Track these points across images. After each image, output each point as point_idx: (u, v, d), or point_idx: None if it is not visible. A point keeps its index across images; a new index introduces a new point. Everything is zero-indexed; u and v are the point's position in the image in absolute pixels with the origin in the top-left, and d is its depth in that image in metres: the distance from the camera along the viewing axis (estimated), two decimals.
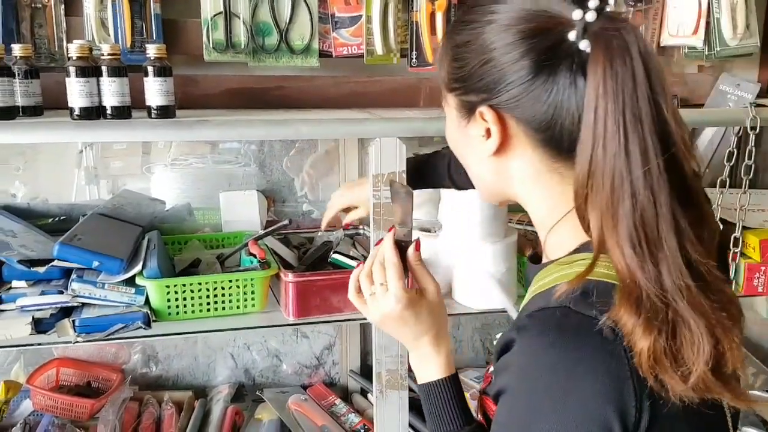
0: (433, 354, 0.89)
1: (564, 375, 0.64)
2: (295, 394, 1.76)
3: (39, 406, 1.58)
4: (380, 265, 0.88)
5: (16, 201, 1.63)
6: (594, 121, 0.66)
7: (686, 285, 0.64)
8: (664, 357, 0.62)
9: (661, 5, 1.67)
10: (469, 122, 0.77)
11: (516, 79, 0.70)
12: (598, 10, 0.66)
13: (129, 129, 1.19)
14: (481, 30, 0.73)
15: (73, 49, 1.24)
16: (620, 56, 0.65)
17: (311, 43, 1.54)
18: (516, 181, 0.78)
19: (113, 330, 1.26)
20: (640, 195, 0.65)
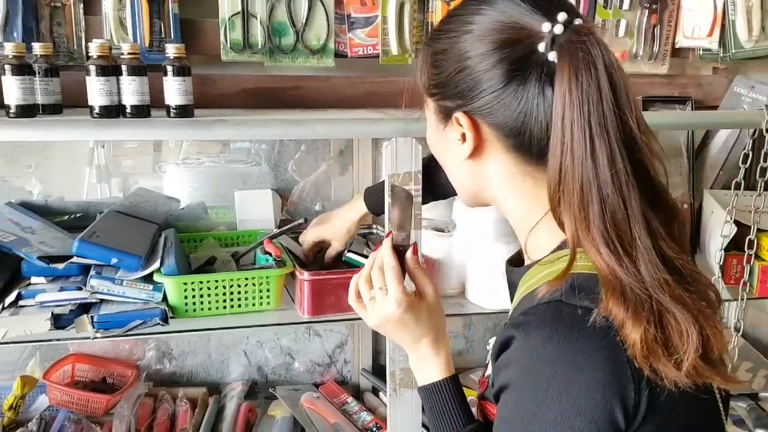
0: (433, 356, 0.92)
1: (565, 366, 0.68)
2: (307, 391, 1.77)
3: (55, 401, 1.60)
4: (379, 270, 0.90)
5: (31, 198, 1.65)
6: (561, 129, 0.70)
7: (664, 279, 0.68)
8: (656, 346, 0.65)
9: (676, 7, 1.67)
10: (446, 126, 0.81)
11: (488, 87, 0.74)
12: (566, 23, 0.70)
13: (148, 128, 1.21)
14: (458, 39, 0.76)
15: (93, 48, 1.26)
16: (585, 68, 0.69)
17: (327, 43, 1.56)
18: (492, 183, 0.82)
19: (131, 326, 1.27)
20: (609, 198, 0.69)
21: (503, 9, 0.74)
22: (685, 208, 1.73)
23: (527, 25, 0.72)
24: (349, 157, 1.79)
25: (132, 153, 1.70)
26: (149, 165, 1.72)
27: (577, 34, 0.70)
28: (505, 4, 0.74)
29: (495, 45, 0.73)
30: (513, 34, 0.73)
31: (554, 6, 0.72)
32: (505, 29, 0.73)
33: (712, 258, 1.58)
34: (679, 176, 1.75)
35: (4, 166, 1.62)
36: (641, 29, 1.65)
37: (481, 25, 0.75)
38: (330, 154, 1.78)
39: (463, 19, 0.77)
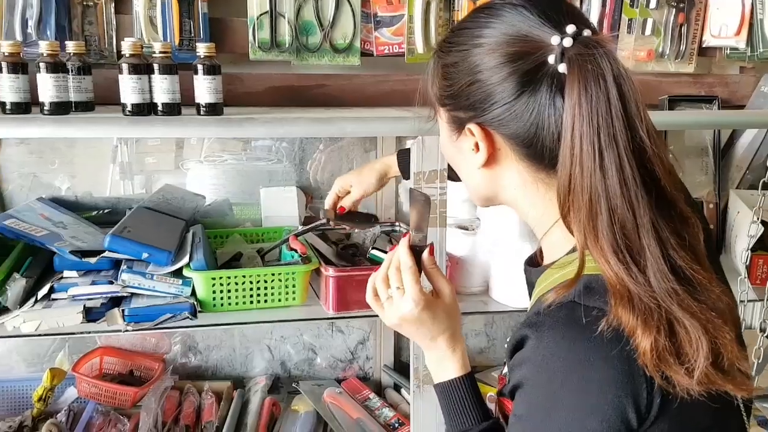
0: (449, 354, 0.93)
1: (578, 365, 0.69)
2: (330, 387, 1.79)
3: (84, 393, 1.63)
4: (396, 270, 0.91)
5: (60, 193, 1.68)
6: (571, 141, 0.71)
7: (673, 289, 0.68)
8: (668, 354, 0.66)
9: (703, 6, 1.66)
10: (460, 136, 0.82)
11: (500, 99, 0.75)
12: (575, 35, 0.71)
13: (180, 125, 1.23)
14: (469, 52, 0.77)
15: (126, 47, 1.28)
16: (594, 80, 0.69)
17: (353, 42, 1.57)
18: (506, 190, 0.83)
19: (162, 320, 1.29)
20: (618, 209, 0.69)
21: (512, 22, 0.75)
22: (711, 207, 1.73)
23: (537, 38, 0.73)
24: (373, 154, 1.80)
25: (155, 150, 1.73)
26: (171, 162, 1.74)
27: (586, 47, 0.70)
28: (514, 16, 0.75)
29: (506, 58, 0.74)
30: (523, 47, 0.73)
31: (563, 17, 0.73)
32: (515, 42, 0.74)
33: (738, 258, 1.57)
34: (705, 176, 1.74)
35: (32, 162, 1.65)
36: (668, 28, 1.65)
37: (491, 38, 0.76)
38: (354, 152, 1.80)
39: (473, 32, 0.78)
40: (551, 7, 0.74)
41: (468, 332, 1.94)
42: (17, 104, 1.28)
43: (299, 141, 1.77)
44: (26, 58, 1.30)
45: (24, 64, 1.29)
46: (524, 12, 0.74)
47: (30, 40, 1.45)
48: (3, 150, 1.64)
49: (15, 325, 1.27)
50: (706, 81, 1.75)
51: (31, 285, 1.34)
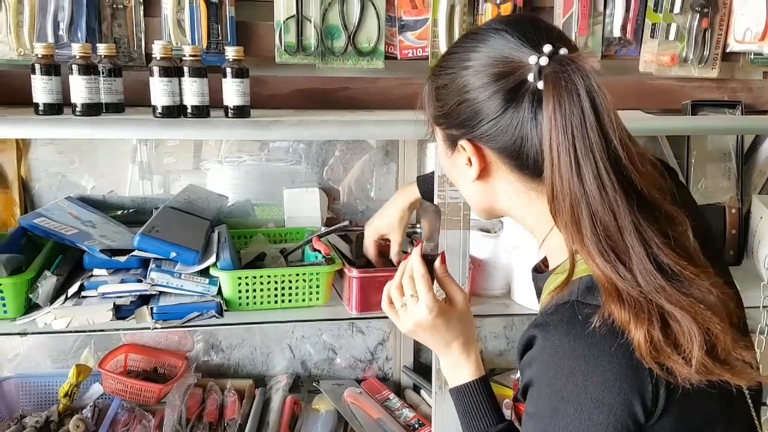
0: (463, 358, 0.97)
1: (582, 361, 0.73)
2: (350, 387, 1.81)
3: (109, 390, 1.65)
4: (410, 278, 0.95)
5: (86, 192, 1.71)
6: (550, 151, 0.76)
7: (661, 286, 0.72)
8: (664, 345, 0.70)
9: (727, 11, 1.66)
10: (454, 152, 0.88)
11: (487, 116, 0.81)
12: (551, 54, 0.77)
13: (210, 128, 1.25)
14: (457, 75, 0.83)
15: (156, 50, 1.31)
16: (568, 94, 0.75)
17: (378, 45, 1.59)
18: (501, 200, 0.88)
19: (189, 318, 1.32)
20: (599, 213, 0.75)
21: (495, 45, 0.81)
22: (733, 212, 1.72)
23: (516, 59, 0.79)
24: (395, 156, 1.82)
25: (173, 150, 1.75)
26: (190, 162, 1.76)
27: (560, 64, 0.76)
28: (497, 40, 0.81)
29: (490, 78, 0.80)
30: (505, 68, 0.79)
31: (541, 38, 0.79)
32: (498, 64, 0.80)
33: (761, 264, 1.57)
34: (728, 180, 1.74)
35: (59, 161, 1.68)
36: (692, 33, 1.65)
37: (477, 61, 0.81)
38: (375, 155, 1.81)
39: (461, 56, 0.84)
40: (530, 29, 0.81)
41: (487, 335, 1.95)
42: (50, 105, 1.31)
43: (317, 142, 1.78)
44: (57, 59, 1.33)
45: (57, 66, 1.32)
46: (506, 35, 0.80)
47: (61, 42, 1.48)
48: (32, 150, 1.68)
49: (46, 322, 1.30)
50: (730, 86, 1.75)
51: (61, 283, 1.37)
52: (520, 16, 0.87)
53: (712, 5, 1.64)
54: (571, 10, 1.63)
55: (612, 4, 1.64)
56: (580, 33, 1.64)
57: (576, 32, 1.63)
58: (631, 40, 1.67)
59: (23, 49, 1.49)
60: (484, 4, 1.60)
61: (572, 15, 1.63)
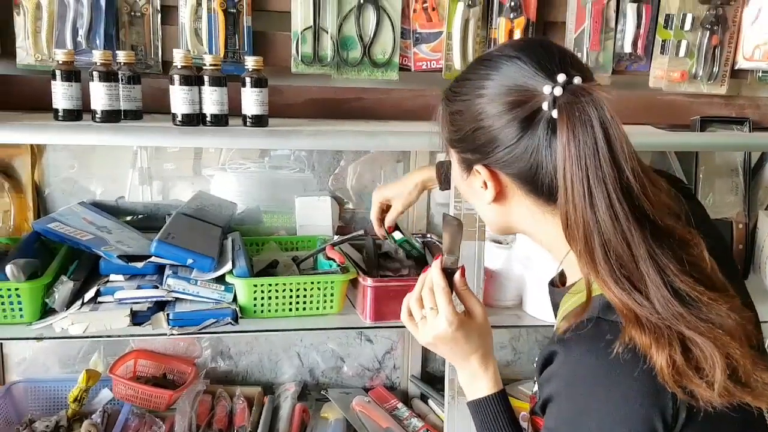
0: (482, 372, 0.98)
1: (604, 378, 0.74)
2: (358, 395, 1.82)
3: (120, 395, 1.66)
4: (429, 291, 0.96)
5: (95, 197, 1.71)
6: (563, 180, 0.78)
7: (679, 312, 0.73)
8: (687, 369, 0.71)
9: (737, 29, 1.69)
10: (469, 175, 0.89)
11: (502, 143, 0.82)
12: (565, 84, 0.78)
13: (229, 136, 1.27)
14: (472, 102, 0.84)
15: (177, 59, 1.32)
16: (581, 125, 0.76)
17: (392, 57, 1.60)
18: (517, 221, 0.90)
19: (206, 324, 1.32)
20: (612, 242, 0.75)
21: (509, 73, 0.81)
22: (740, 228, 1.74)
23: (531, 87, 0.79)
24: (407, 166, 1.83)
25: (173, 157, 1.75)
26: (190, 169, 1.77)
27: (574, 95, 0.77)
28: (510, 68, 0.82)
29: (505, 107, 0.81)
30: (520, 96, 0.80)
31: (555, 66, 0.80)
32: (512, 92, 0.80)
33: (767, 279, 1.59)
34: (735, 196, 1.76)
35: (70, 166, 1.69)
36: (702, 50, 1.67)
37: (491, 89, 0.82)
38: (386, 163, 1.83)
39: (475, 83, 0.85)
40: (545, 56, 0.81)
41: (494, 345, 1.95)
42: (69, 111, 1.33)
43: (319, 151, 1.78)
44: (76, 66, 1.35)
45: (77, 72, 1.33)
46: (519, 63, 0.81)
47: (79, 48, 1.49)
48: (45, 155, 1.69)
49: (63, 327, 1.30)
50: (738, 103, 1.77)
51: (77, 288, 1.38)
52: (533, 42, 0.87)
53: (722, 23, 1.67)
54: (583, 26, 1.65)
55: (623, 20, 1.67)
56: (592, 48, 1.66)
57: (588, 47, 1.65)
58: (641, 55, 1.69)
59: (40, 55, 1.50)
60: (497, 18, 1.62)
61: (584, 30, 1.65)
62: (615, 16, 1.66)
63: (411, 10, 1.59)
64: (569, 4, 1.66)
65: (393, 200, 1.47)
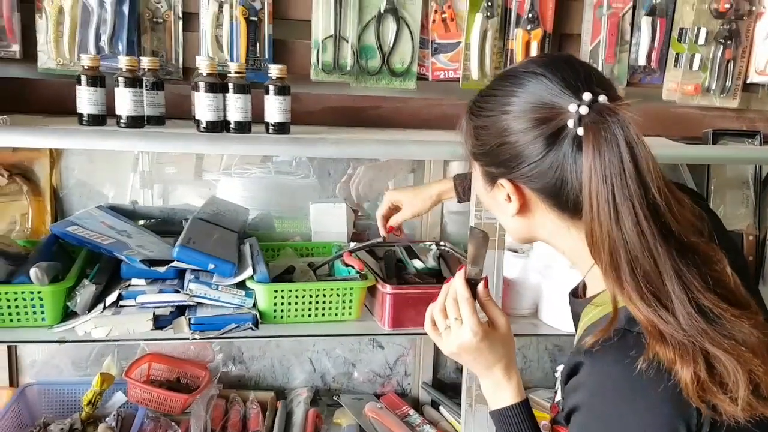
0: (505, 381, 0.98)
1: (630, 388, 0.75)
2: (370, 401, 1.82)
3: (135, 399, 1.66)
4: (453, 301, 0.97)
5: (107, 201, 1.72)
6: (589, 197, 0.79)
7: (703, 329, 0.74)
8: (711, 385, 0.72)
9: (749, 44, 1.71)
10: (493, 188, 0.91)
11: (527, 159, 0.83)
12: (591, 102, 0.79)
13: (256, 143, 1.28)
14: (497, 118, 0.85)
15: (203, 66, 1.33)
16: (607, 144, 0.77)
17: (411, 66, 1.62)
18: (541, 232, 0.91)
19: (227, 329, 1.33)
20: (639, 259, 0.76)
21: (534, 91, 0.83)
22: (751, 239, 1.76)
23: (557, 105, 0.81)
24: (421, 174, 1.85)
25: (174, 161, 1.75)
26: (191, 173, 1.77)
27: (600, 114, 0.78)
28: (536, 85, 0.83)
29: (531, 123, 0.82)
30: (546, 114, 0.81)
31: (581, 84, 0.81)
32: (538, 109, 0.82)
33: None
34: (746, 208, 1.78)
35: (88, 170, 1.70)
36: (715, 64, 1.69)
37: (517, 106, 0.83)
38: (400, 171, 1.84)
39: (500, 99, 0.86)
40: (570, 74, 0.82)
41: None
42: (94, 116, 1.34)
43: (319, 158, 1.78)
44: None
45: (102, 78, 1.35)
46: (545, 80, 0.82)
47: (102, 53, 1.50)
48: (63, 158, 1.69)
49: (86, 330, 1.31)
50: (748, 116, 1.80)
51: (99, 291, 1.38)
52: (558, 58, 0.87)
53: (735, 37, 1.69)
54: (599, 38, 1.67)
55: (638, 33, 1.69)
56: (607, 60, 1.68)
57: (603, 60, 1.67)
58: (655, 68, 1.72)
59: (62, 59, 1.51)
60: (515, 29, 1.64)
61: (600, 43, 1.67)
62: (630, 29, 1.69)
63: (430, 21, 1.61)
64: (585, 17, 1.68)
65: (404, 204, 1.49)
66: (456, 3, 1.60)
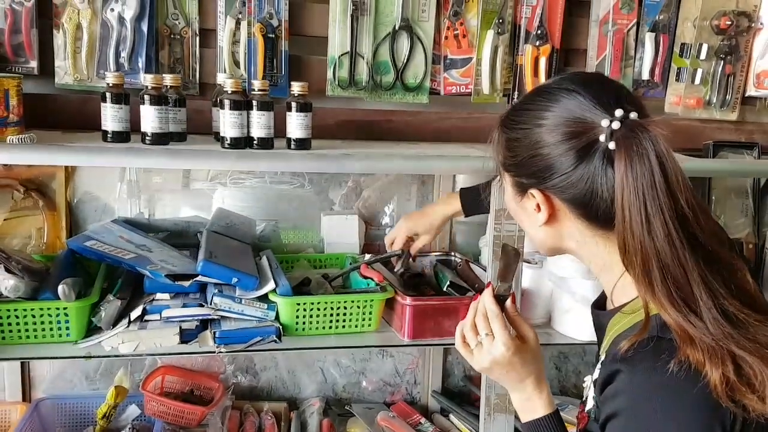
0: (536, 394, 1.02)
1: (669, 392, 0.79)
2: (382, 410, 1.85)
3: (151, 412, 1.67)
4: (483, 317, 1.01)
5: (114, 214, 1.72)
6: (621, 209, 0.83)
7: (729, 333, 0.78)
8: (740, 385, 0.77)
9: (747, 59, 1.77)
10: (523, 198, 0.95)
11: (559, 170, 0.87)
12: (623, 118, 0.83)
13: (282, 160, 1.31)
14: (531, 131, 0.90)
15: (228, 84, 1.35)
16: (639, 158, 0.81)
17: (424, 81, 1.66)
18: (568, 243, 0.95)
19: (252, 342, 1.35)
20: (670, 267, 0.81)
21: (568, 106, 0.87)
22: (750, 247, 1.82)
23: (589, 120, 0.85)
24: (430, 186, 1.88)
25: (163, 170, 1.73)
26: (178, 182, 1.76)
27: (631, 130, 0.82)
28: (570, 101, 0.87)
29: (564, 137, 0.86)
30: (578, 128, 0.85)
31: (613, 100, 0.85)
32: (571, 124, 0.86)
33: None
34: (745, 217, 1.84)
35: (100, 184, 1.70)
36: (716, 78, 1.75)
37: (551, 120, 0.88)
38: (408, 183, 1.87)
39: (534, 114, 0.90)
40: (602, 91, 0.87)
41: None
42: (118, 133, 1.35)
43: None
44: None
45: (127, 95, 1.36)
46: (578, 97, 0.87)
47: (122, 70, 1.52)
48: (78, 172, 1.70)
49: (113, 346, 1.32)
50: (747, 128, 1.86)
51: (123, 306, 1.40)
52: (591, 76, 0.92)
53: (735, 52, 1.75)
54: (605, 53, 1.72)
55: (642, 48, 1.75)
56: (612, 75, 1.73)
57: (609, 74, 1.72)
58: (658, 82, 1.77)
59: (79, 75, 1.53)
60: (524, 45, 1.68)
61: (605, 58, 1.72)
62: (634, 45, 1.74)
63: (443, 37, 1.65)
64: (591, 33, 1.73)
65: (420, 233, 1.56)
66: (468, 20, 1.64)
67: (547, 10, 1.67)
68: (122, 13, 1.50)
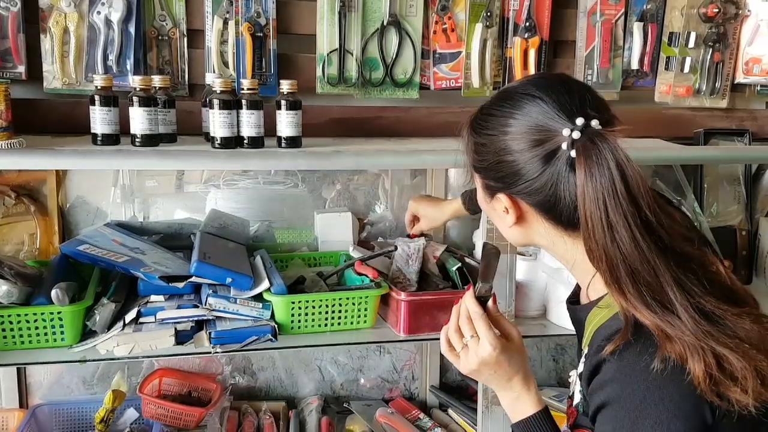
0: (525, 392, 1.02)
1: (658, 377, 0.80)
2: (380, 407, 1.85)
3: (149, 415, 1.66)
4: (467, 319, 1.01)
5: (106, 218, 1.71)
6: (584, 218, 0.85)
7: (707, 331, 0.80)
8: (723, 377, 0.78)
9: (736, 46, 1.78)
10: (492, 200, 0.97)
11: (524, 177, 0.90)
12: (583, 127, 0.85)
13: (273, 158, 1.31)
14: (496, 138, 0.92)
15: (217, 84, 1.35)
16: (599, 167, 0.83)
17: (413, 77, 1.66)
18: (538, 240, 0.98)
19: (248, 342, 1.35)
20: (640, 271, 0.82)
21: (531, 113, 0.89)
22: (743, 234, 1.83)
23: (552, 128, 0.87)
24: (423, 180, 1.88)
25: (155, 173, 1.75)
26: (172, 186, 1.76)
27: (591, 140, 0.84)
28: (533, 108, 0.89)
29: (527, 144, 0.88)
30: (541, 136, 0.87)
31: (575, 108, 0.87)
32: (535, 132, 0.88)
33: None
34: (738, 204, 1.84)
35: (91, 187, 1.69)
36: (704, 66, 1.76)
37: (515, 128, 0.90)
38: (402, 178, 1.87)
39: (499, 120, 0.92)
40: (566, 97, 0.88)
41: None
42: (108, 135, 1.35)
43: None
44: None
45: (115, 97, 1.36)
46: (541, 104, 0.88)
47: (110, 72, 1.51)
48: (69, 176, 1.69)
49: (108, 349, 1.32)
50: (737, 115, 1.87)
51: (118, 309, 1.39)
52: (554, 80, 0.93)
53: (723, 40, 1.76)
54: (593, 44, 1.72)
55: (630, 38, 1.75)
56: (602, 65, 1.73)
57: (598, 65, 1.73)
58: (647, 72, 1.77)
59: (68, 79, 1.52)
60: (513, 37, 1.68)
61: (594, 49, 1.73)
62: (623, 35, 1.74)
63: (431, 32, 1.65)
64: (579, 24, 1.73)
65: (421, 217, 1.59)
66: (456, 14, 1.64)
67: (535, 2, 1.67)
68: (109, 16, 1.49)
